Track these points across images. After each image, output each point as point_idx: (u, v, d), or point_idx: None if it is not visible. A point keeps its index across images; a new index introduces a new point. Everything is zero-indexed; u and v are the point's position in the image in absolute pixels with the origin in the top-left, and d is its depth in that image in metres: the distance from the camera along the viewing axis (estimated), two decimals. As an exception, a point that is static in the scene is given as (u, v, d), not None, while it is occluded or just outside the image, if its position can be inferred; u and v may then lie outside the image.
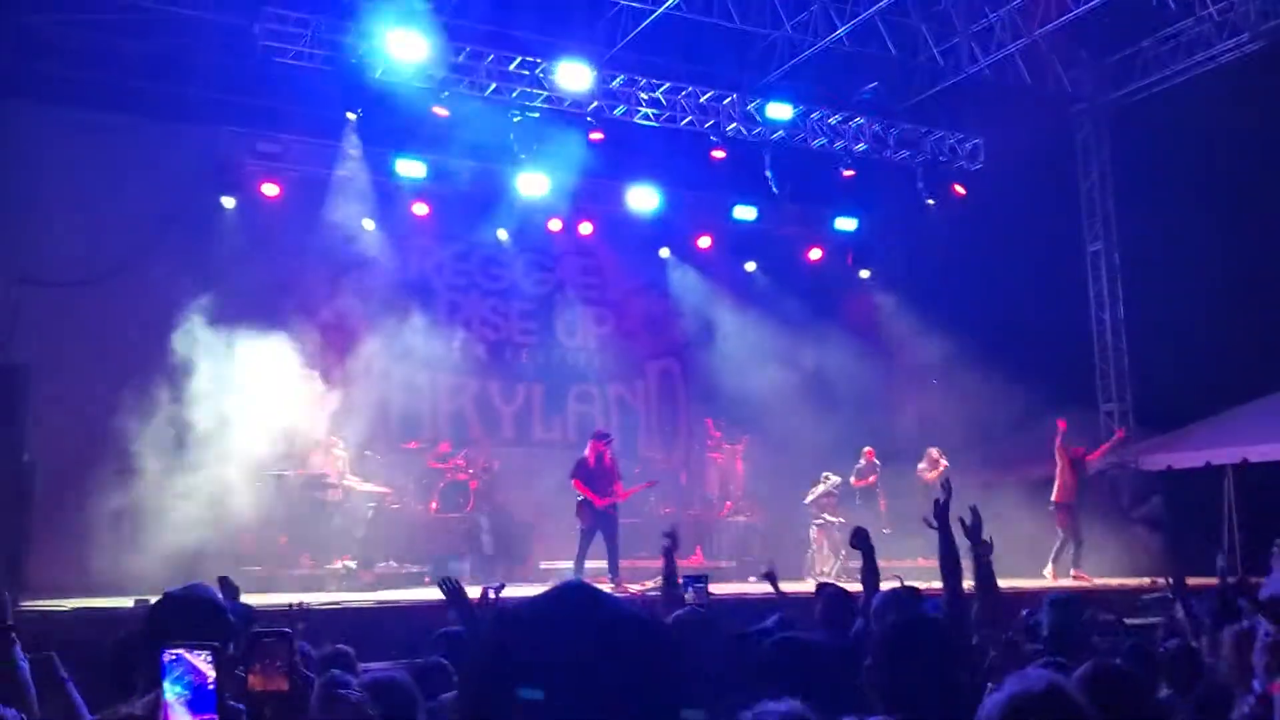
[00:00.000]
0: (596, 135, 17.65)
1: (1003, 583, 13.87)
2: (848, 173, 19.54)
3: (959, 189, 19.83)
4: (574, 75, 16.83)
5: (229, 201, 16.86)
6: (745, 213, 19.87)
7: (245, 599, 7.15)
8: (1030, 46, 17.60)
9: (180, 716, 2.22)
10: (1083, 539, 16.14)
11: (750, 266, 20.96)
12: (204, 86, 16.35)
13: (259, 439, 15.17)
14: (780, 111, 18.13)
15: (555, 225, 19.50)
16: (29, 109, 15.74)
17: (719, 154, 18.76)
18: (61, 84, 15.76)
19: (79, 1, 15.54)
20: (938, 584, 6.14)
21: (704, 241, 20.75)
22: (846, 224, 20.91)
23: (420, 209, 18.37)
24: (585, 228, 19.83)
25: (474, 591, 6.43)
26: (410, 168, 17.63)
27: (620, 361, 20.94)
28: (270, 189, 17.15)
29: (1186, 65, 17.88)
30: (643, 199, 19.27)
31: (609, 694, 1.45)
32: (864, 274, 21.81)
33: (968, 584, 6.04)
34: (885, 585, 7.36)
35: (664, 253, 20.64)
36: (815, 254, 21.45)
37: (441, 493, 16.68)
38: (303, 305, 17.03)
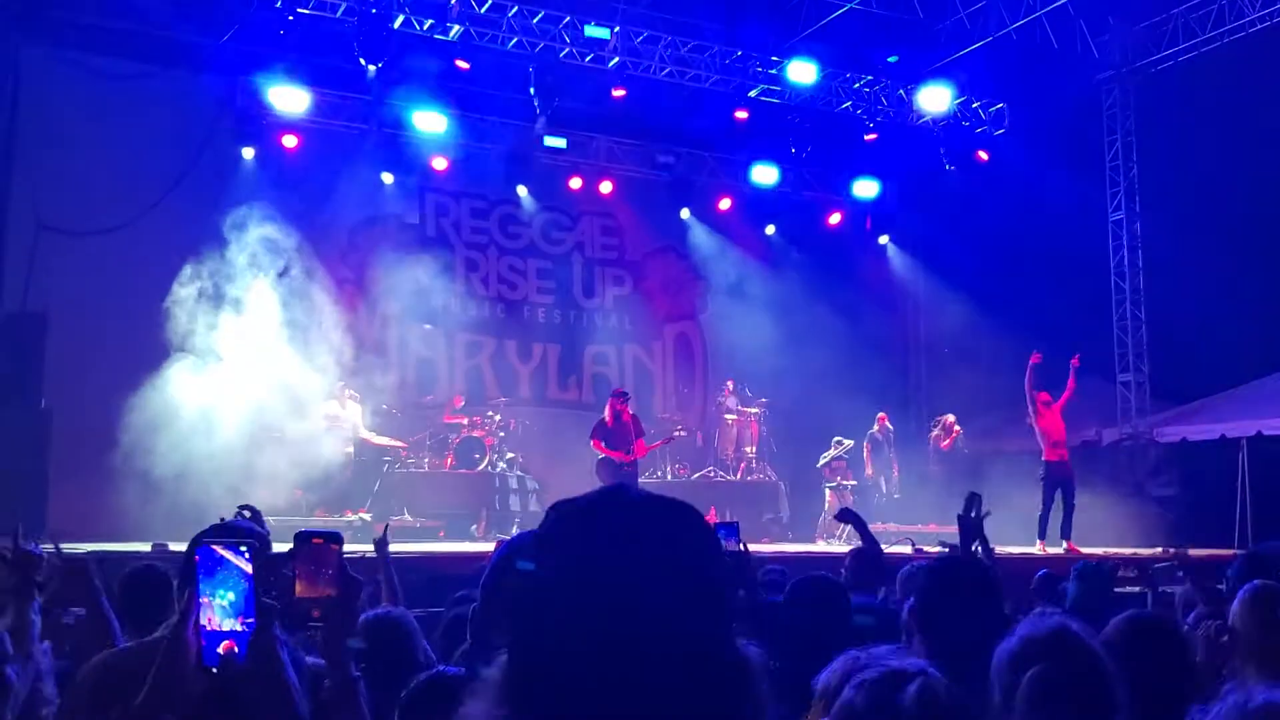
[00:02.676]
0: (619, 92, 17.53)
1: (1014, 550, 13.84)
2: (870, 137, 19.43)
3: (982, 155, 19.70)
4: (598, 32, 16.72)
5: (248, 152, 16.78)
6: (766, 175, 19.72)
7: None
8: (1058, 11, 17.40)
9: (217, 617, 2.17)
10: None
11: (770, 230, 20.83)
12: (224, 36, 16.27)
13: (275, 391, 15.21)
14: (805, 73, 17.93)
15: (575, 184, 19.44)
16: (50, 56, 15.70)
17: (742, 115, 18.65)
18: (83, 32, 15.71)
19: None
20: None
21: (724, 204, 20.66)
22: (867, 189, 20.78)
23: (439, 163, 18.28)
24: (605, 187, 19.76)
25: (488, 546, 6.49)
26: (430, 121, 17.46)
27: (638, 323, 20.87)
28: (289, 140, 17.09)
29: (1216, 34, 17.67)
30: (665, 159, 19.14)
31: (656, 576, 1.41)
32: (883, 239, 21.72)
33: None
34: (895, 549, 7.37)
35: (684, 214, 20.52)
36: (835, 218, 21.36)
37: (456, 449, 16.68)
38: (320, 258, 17.02)
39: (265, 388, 15.08)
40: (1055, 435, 15.41)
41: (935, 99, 18.66)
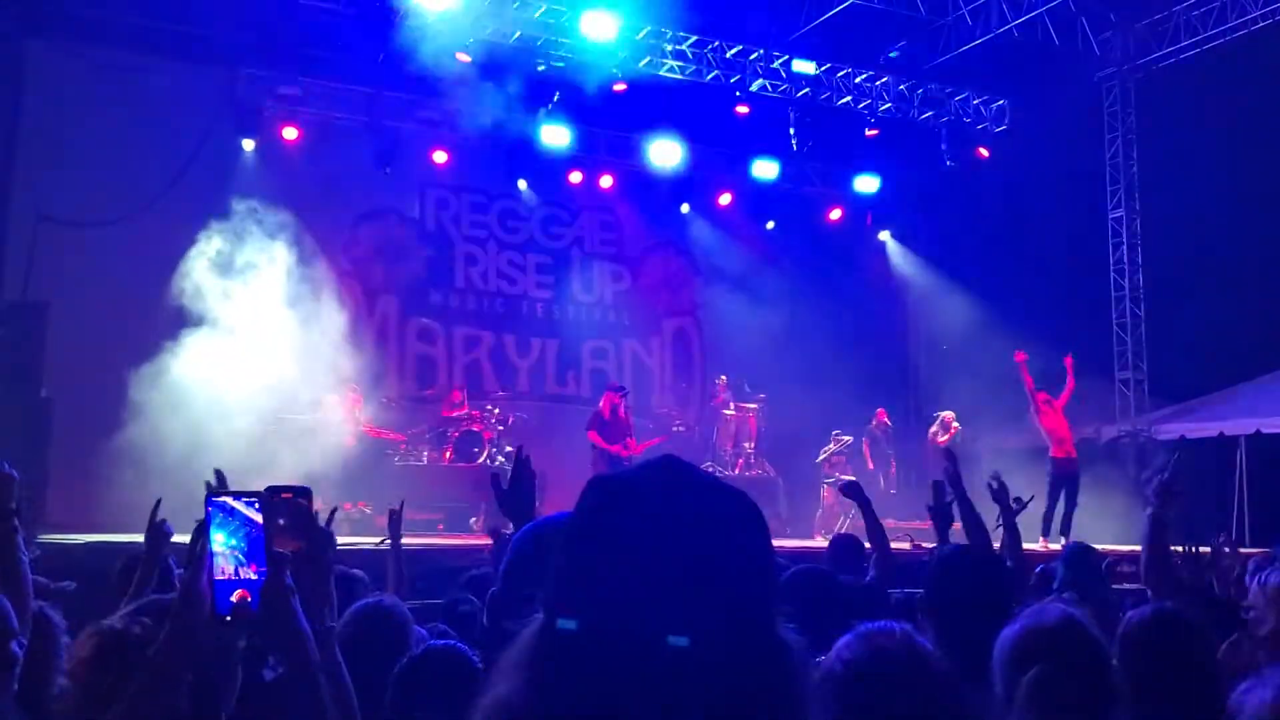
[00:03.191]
0: (620, 87, 17.51)
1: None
2: (871, 132, 19.40)
3: (982, 151, 19.67)
4: (599, 26, 16.66)
5: (249, 144, 16.77)
6: (766, 170, 19.69)
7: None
8: (1060, 8, 17.38)
9: (229, 566, 2.19)
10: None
11: (770, 225, 20.80)
12: (225, 28, 16.24)
13: (275, 384, 15.20)
14: (806, 68, 17.91)
15: (575, 178, 19.39)
16: (50, 48, 15.69)
17: (743, 110, 18.63)
18: (82, 23, 15.69)
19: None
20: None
21: (724, 198, 20.62)
22: (868, 184, 20.77)
23: (440, 157, 18.27)
24: (605, 181, 19.74)
25: (486, 539, 6.53)
26: (431, 114, 17.45)
27: (637, 318, 20.85)
28: (290, 133, 17.09)
29: (1218, 32, 17.65)
30: (664, 154, 19.10)
31: (700, 558, 1.39)
32: (883, 235, 21.72)
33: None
34: (894, 546, 7.31)
35: (684, 208, 20.48)
36: (835, 214, 21.34)
37: (455, 442, 16.68)
38: (321, 250, 17.02)
39: (264, 381, 15.06)
40: (1059, 433, 15.44)
41: (933, 96, 18.66)
